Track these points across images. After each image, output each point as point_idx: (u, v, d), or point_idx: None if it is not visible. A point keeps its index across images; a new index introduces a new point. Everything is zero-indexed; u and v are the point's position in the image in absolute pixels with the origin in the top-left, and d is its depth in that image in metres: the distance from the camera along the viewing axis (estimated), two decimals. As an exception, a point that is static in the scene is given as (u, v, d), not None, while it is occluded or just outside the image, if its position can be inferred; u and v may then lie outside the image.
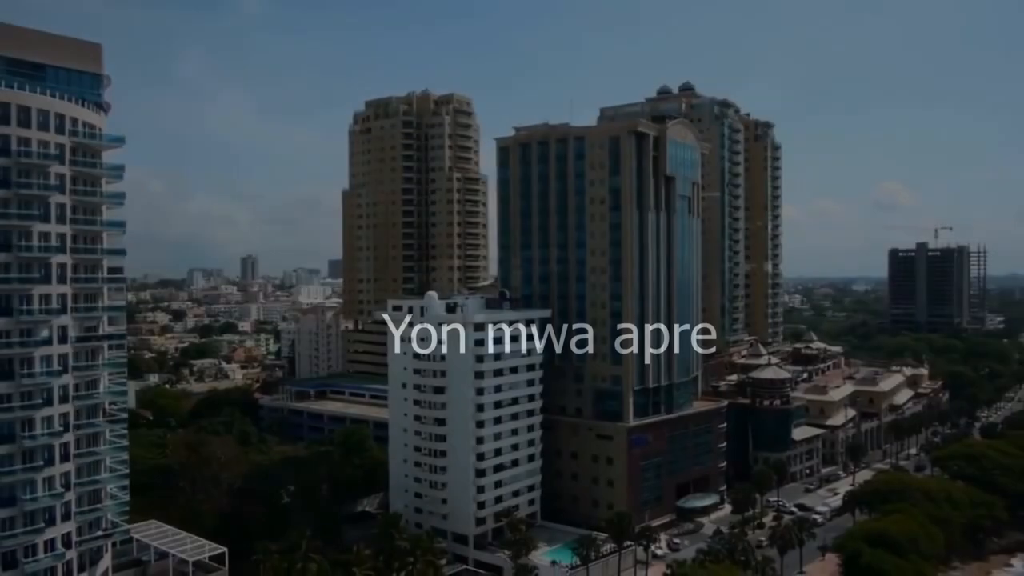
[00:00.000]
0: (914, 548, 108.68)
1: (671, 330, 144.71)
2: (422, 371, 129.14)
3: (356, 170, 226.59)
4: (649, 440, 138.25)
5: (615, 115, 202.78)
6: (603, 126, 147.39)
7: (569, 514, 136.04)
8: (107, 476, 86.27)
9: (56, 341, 78.99)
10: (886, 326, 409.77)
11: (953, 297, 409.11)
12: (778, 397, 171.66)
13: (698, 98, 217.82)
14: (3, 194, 74.92)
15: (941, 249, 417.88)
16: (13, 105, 75.60)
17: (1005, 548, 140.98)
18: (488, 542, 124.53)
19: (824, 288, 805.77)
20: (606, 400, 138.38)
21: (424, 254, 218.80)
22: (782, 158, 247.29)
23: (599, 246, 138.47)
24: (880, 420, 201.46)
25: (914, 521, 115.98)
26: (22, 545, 75.90)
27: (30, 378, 76.42)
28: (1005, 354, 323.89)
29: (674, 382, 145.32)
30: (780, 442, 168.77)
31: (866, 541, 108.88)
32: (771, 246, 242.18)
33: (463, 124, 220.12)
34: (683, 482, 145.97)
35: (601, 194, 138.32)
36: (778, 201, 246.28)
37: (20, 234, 76.26)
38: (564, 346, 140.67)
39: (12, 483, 75.34)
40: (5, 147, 75.05)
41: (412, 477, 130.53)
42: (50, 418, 78.32)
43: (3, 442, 74.68)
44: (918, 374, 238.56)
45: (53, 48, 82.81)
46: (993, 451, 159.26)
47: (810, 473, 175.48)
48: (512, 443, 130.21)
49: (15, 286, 75.64)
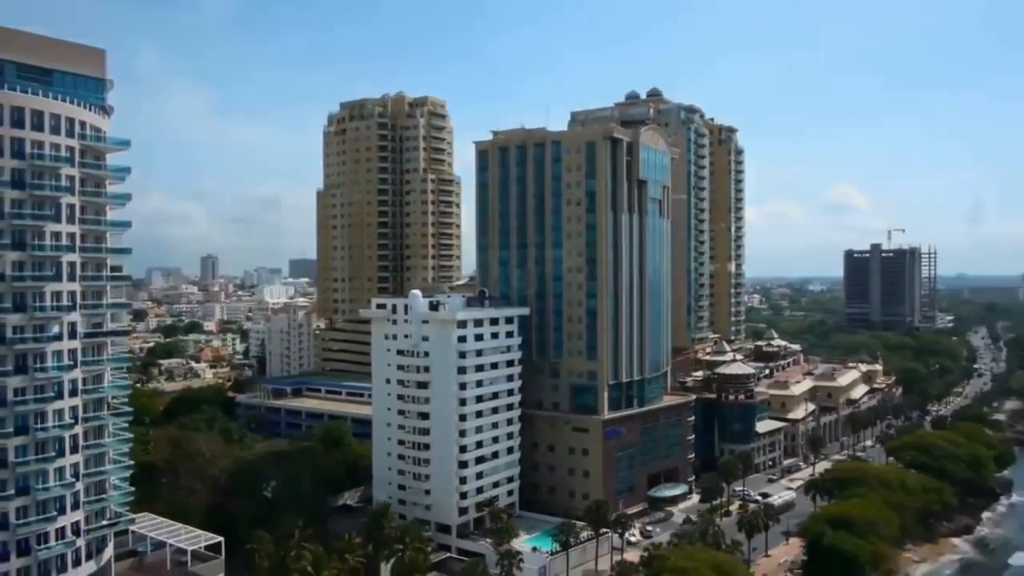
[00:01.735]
0: (872, 530, 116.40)
1: (643, 327, 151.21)
2: (406, 367, 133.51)
3: (330, 171, 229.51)
4: (623, 432, 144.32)
5: (586, 119, 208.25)
6: (579, 131, 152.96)
7: (546, 504, 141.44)
8: (111, 468, 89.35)
9: (66, 337, 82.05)
10: (842, 325, 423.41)
11: (905, 297, 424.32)
12: (743, 392, 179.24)
13: (666, 103, 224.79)
14: (18, 195, 77.86)
15: (894, 250, 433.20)
16: (27, 109, 78.56)
17: (953, 531, 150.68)
18: (470, 531, 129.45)
19: (782, 288, 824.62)
20: (582, 394, 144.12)
21: (399, 253, 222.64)
22: (745, 162, 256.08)
23: (575, 246, 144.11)
24: (838, 414, 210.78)
25: (872, 506, 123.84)
26: (35, 533, 78.85)
27: (42, 372, 79.41)
28: (954, 352, 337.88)
29: (646, 377, 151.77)
30: (745, 435, 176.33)
31: (828, 524, 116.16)
32: (734, 247, 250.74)
33: (437, 126, 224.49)
34: (654, 472, 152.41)
35: (577, 196, 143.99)
36: (741, 204, 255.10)
37: (33, 233, 79.26)
38: (541, 343, 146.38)
39: (26, 473, 78.24)
40: (20, 150, 78.00)
41: (396, 469, 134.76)
42: (60, 411, 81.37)
43: (18, 434, 77.62)
44: (873, 370, 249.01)
45: (59, 53, 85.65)
46: (943, 441, 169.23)
47: (773, 464, 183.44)
48: (492, 436, 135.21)
49: (29, 283, 78.59)
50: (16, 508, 77.60)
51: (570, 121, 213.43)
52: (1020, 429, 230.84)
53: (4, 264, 77.13)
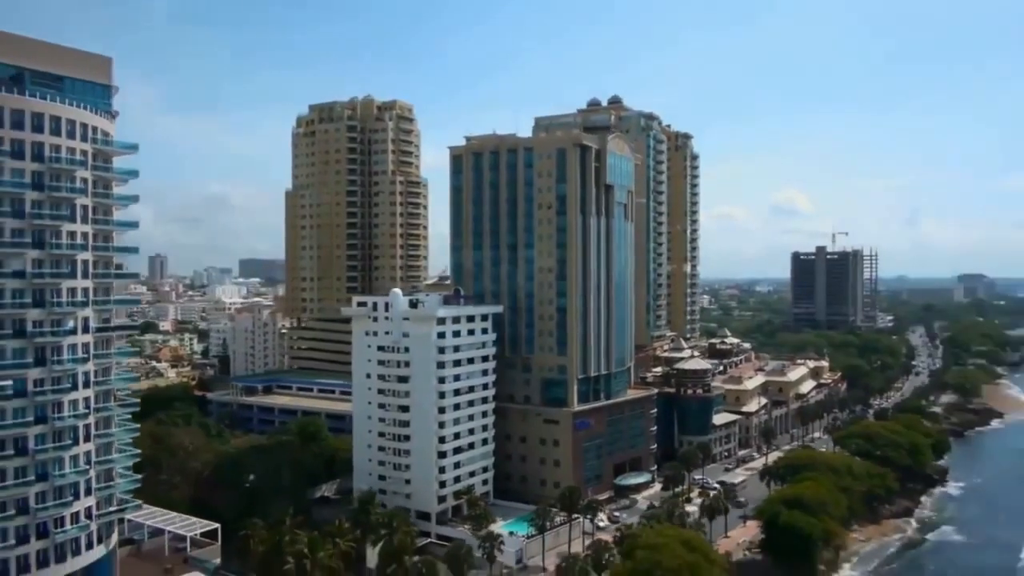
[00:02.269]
0: (823, 510, 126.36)
1: (610, 324, 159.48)
2: (386, 362, 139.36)
3: (299, 171, 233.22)
4: (591, 424, 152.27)
5: (550, 124, 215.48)
6: (551, 138, 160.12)
7: (518, 493, 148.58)
8: (118, 456, 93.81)
9: (80, 331, 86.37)
10: (789, 324, 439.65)
11: (849, 297, 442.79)
12: (700, 386, 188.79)
13: (626, 111, 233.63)
14: (37, 196, 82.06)
15: (838, 253, 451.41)
16: (46, 115, 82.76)
17: (895, 513, 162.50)
18: (448, 518, 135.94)
19: (730, 289, 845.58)
20: (552, 388, 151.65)
21: (367, 253, 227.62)
22: (700, 167, 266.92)
23: (546, 248, 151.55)
24: (788, 407, 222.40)
25: (822, 488, 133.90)
26: (52, 517, 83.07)
27: (59, 364, 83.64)
28: (894, 349, 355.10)
29: (612, 372, 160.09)
30: (703, 427, 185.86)
31: (783, 505, 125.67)
32: (689, 249, 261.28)
33: (405, 130, 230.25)
34: (620, 462, 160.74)
35: (548, 200, 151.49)
36: (696, 207, 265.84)
37: (51, 233, 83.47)
38: (513, 339, 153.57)
39: (45, 460, 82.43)
40: (39, 153, 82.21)
41: (376, 460, 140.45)
42: (75, 401, 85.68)
43: (38, 423, 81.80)
44: (820, 366, 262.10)
45: (70, 60, 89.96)
46: (885, 432, 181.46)
47: (728, 455, 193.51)
48: (469, 428, 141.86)
49: (47, 280, 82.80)
50: (35, 493, 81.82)
51: (534, 127, 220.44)
52: (955, 421, 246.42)
53: (25, 262, 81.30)
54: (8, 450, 79.56)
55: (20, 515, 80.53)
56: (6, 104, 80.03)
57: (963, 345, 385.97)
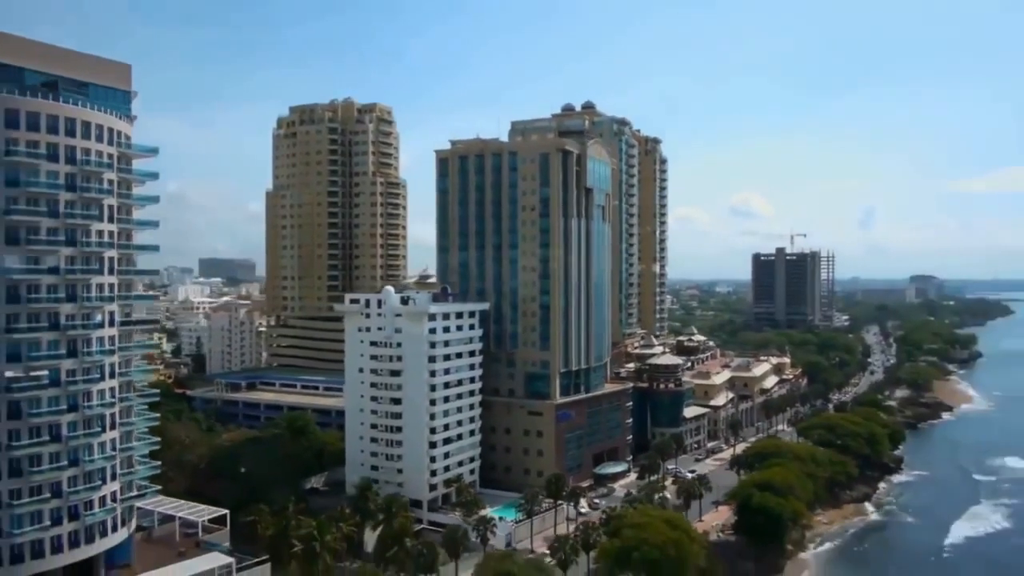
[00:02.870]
0: (791, 493, 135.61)
1: (589, 321, 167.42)
2: (379, 357, 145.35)
3: (280, 172, 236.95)
4: (572, 415, 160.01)
5: (525, 128, 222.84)
6: (534, 143, 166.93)
7: (503, 482, 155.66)
8: (137, 444, 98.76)
9: (107, 324, 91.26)
10: (750, 323, 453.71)
11: (807, 297, 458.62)
12: (672, 380, 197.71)
13: (599, 116, 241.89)
14: (70, 196, 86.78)
15: (797, 254, 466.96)
16: (78, 120, 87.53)
17: (855, 498, 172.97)
18: (439, 506, 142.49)
19: (691, 290, 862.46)
20: (535, 382, 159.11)
21: (348, 253, 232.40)
22: (668, 170, 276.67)
23: (530, 248, 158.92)
24: (753, 401, 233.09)
25: (790, 473, 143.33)
26: (83, 500, 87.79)
27: (89, 356, 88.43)
28: (851, 347, 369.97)
29: (591, 366, 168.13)
30: (674, 419, 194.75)
31: (755, 488, 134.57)
32: (658, 250, 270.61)
33: (385, 132, 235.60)
34: (598, 452, 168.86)
35: (532, 202, 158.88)
36: (665, 209, 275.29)
37: (83, 231, 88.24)
38: (498, 335, 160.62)
39: (76, 447, 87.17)
40: (72, 156, 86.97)
41: (368, 452, 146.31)
42: (103, 391, 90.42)
43: (70, 411, 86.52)
44: (782, 363, 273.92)
45: (94, 68, 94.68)
46: (845, 423, 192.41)
47: (698, 446, 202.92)
48: (457, 420, 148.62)
49: (79, 276, 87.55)
50: (68, 477, 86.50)
51: (510, 131, 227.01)
52: (908, 414, 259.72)
53: (59, 259, 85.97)
54: (44, 436, 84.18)
55: (54, 498, 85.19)
56: (42, 109, 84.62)
57: (915, 343, 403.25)
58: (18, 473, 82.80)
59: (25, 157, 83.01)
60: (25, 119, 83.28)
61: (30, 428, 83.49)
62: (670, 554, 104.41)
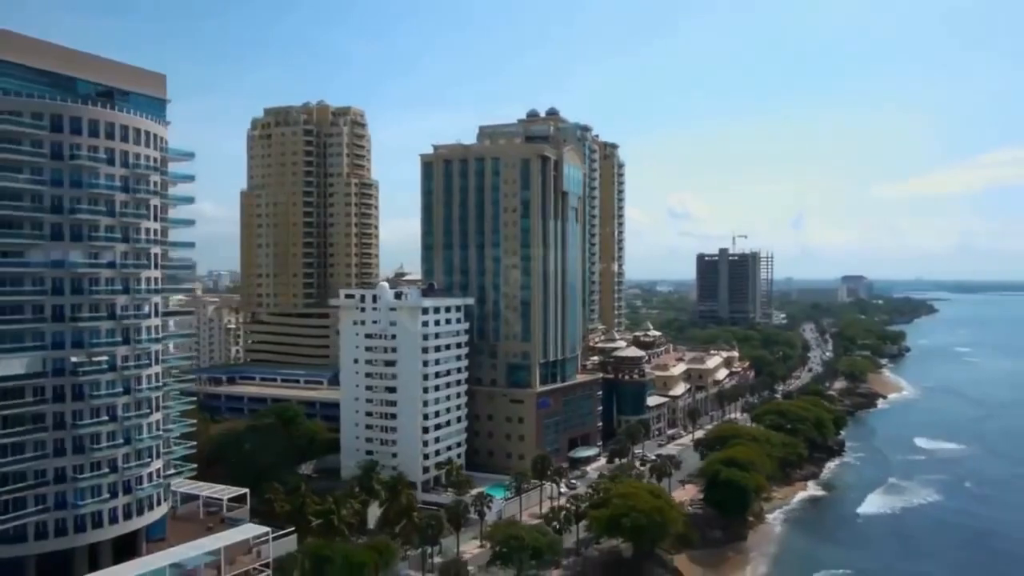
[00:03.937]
0: (754, 468, 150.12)
1: (564, 315, 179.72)
2: (374, 348, 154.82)
3: (255, 172, 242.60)
4: (550, 403, 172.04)
5: (492, 132, 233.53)
6: (515, 149, 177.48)
7: (486, 465, 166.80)
8: (174, 426, 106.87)
9: (153, 314, 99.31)
10: (696, 320, 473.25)
11: (749, 296, 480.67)
12: (636, 372, 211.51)
13: (563, 122, 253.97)
14: (125, 197, 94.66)
15: (739, 254, 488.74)
16: (130, 127, 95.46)
17: (804, 477, 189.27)
18: (431, 487, 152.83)
19: (633, 289, 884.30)
20: (516, 372, 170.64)
21: (323, 251, 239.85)
22: (625, 174, 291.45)
23: (512, 247, 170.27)
24: (707, 391, 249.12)
25: (751, 451, 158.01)
26: (135, 476, 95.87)
27: (139, 344, 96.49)
28: (792, 342, 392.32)
29: (566, 357, 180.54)
30: (638, 407, 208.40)
31: (722, 464, 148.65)
32: (617, 249, 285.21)
33: (358, 135, 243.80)
34: (573, 437, 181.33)
35: (513, 204, 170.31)
36: (622, 211, 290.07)
37: (135, 229, 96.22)
38: (481, 328, 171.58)
39: (129, 427, 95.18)
40: (126, 160, 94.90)
41: (363, 438, 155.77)
42: (151, 376, 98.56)
43: (124, 394, 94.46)
44: (732, 356, 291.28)
45: (134, 77, 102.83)
46: (795, 408, 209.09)
47: (659, 432, 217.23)
48: (446, 407, 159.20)
49: (131, 271, 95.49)
50: (122, 454, 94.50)
51: (479, 134, 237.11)
52: (847, 403, 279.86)
53: (115, 254, 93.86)
54: (103, 416, 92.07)
55: (112, 473, 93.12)
56: (101, 117, 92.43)
57: (850, 339, 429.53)
58: (81, 450, 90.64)
59: (87, 161, 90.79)
60: (87, 126, 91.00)
61: (91, 409, 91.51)
62: (656, 520, 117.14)
